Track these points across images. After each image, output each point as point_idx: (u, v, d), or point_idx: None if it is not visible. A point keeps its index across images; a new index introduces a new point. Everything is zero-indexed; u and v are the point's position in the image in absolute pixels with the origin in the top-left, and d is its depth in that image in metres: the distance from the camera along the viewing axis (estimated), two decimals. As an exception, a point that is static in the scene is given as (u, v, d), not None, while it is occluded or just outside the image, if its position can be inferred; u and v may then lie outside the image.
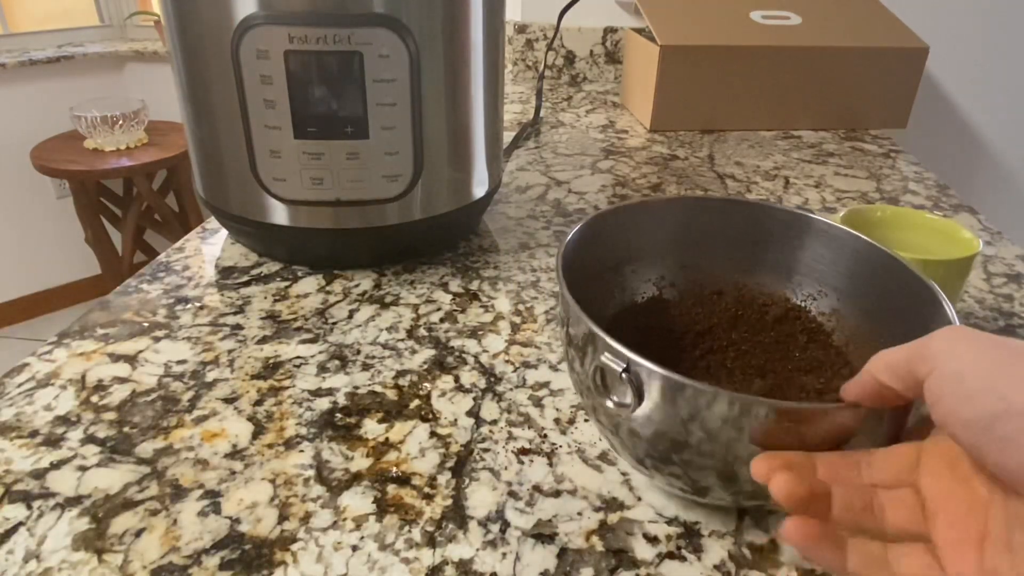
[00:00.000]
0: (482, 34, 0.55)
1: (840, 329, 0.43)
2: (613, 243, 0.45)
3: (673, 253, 0.47)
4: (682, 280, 0.47)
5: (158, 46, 2.36)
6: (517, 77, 1.29)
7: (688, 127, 1.03)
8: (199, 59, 0.52)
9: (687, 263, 0.47)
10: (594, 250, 0.43)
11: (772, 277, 0.46)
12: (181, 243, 0.64)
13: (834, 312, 0.44)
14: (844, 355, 0.42)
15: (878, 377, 0.28)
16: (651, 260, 0.47)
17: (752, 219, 0.46)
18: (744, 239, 0.46)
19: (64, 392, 0.44)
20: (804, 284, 0.45)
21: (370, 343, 0.50)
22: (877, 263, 0.41)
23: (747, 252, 0.46)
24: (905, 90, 1.05)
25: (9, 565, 0.33)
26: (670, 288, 0.47)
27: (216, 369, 0.47)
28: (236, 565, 0.33)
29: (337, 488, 0.38)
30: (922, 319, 0.37)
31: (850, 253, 0.42)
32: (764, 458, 0.29)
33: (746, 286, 0.46)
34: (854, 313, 0.43)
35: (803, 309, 0.45)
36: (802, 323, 0.44)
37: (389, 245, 0.59)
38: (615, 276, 0.46)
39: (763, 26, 1.02)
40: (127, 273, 2.26)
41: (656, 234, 0.46)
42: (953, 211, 0.77)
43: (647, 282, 0.47)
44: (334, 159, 0.53)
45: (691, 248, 0.47)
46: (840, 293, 0.43)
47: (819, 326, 0.44)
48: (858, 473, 0.29)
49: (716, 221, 0.46)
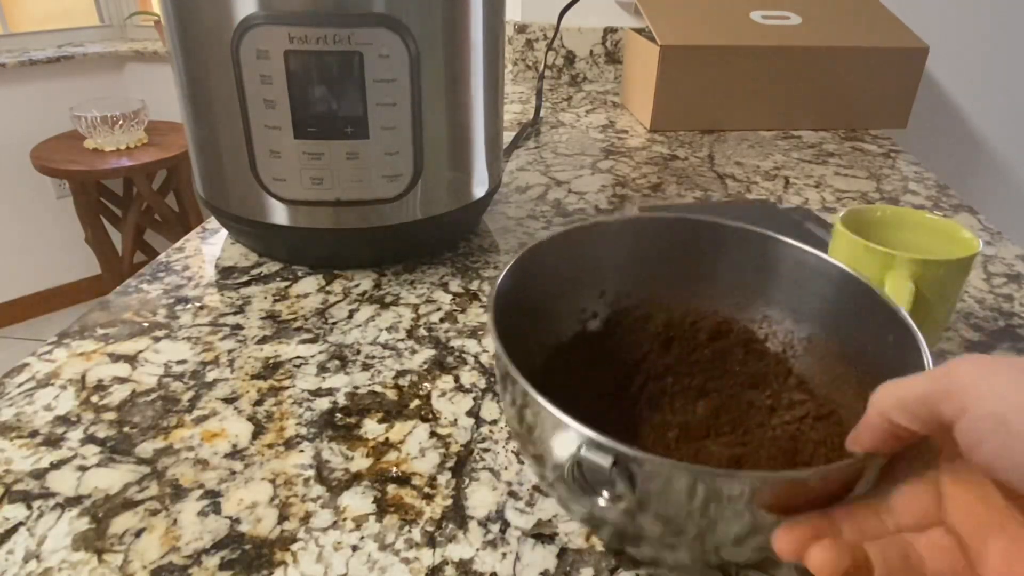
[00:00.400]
0: (482, 34, 0.55)
1: (773, 334, 0.42)
2: (541, 280, 0.41)
3: (594, 283, 0.43)
4: (606, 310, 0.44)
5: (158, 46, 2.36)
6: (517, 77, 1.29)
7: (688, 127, 1.03)
8: (199, 59, 0.52)
9: (608, 290, 0.44)
10: (522, 295, 0.38)
11: (699, 292, 0.44)
12: (181, 243, 0.64)
13: (765, 318, 0.42)
14: (784, 362, 0.41)
15: (891, 418, 0.25)
16: (574, 294, 0.43)
17: (674, 235, 0.43)
18: (663, 256, 0.43)
19: (64, 392, 0.44)
20: (729, 294, 0.43)
21: (370, 343, 0.50)
22: (803, 264, 0.40)
23: (668, 269, 0.44)
24: (905, 90, 1.05)
25: (9, 565, 0.33)
26: (594, 320, 0.44)
27: (216, 369, 0.47)
28: (236, 565, 0.33)
29: (337, 488, 0.38)
30: (870, 322, 0.36)
31: (772, 257, 0.41)
32: (788, 531, 0.26)
33: (672, 306, 0.44)
34: (785, 315, 0.42)
35: (734, 320, 0.43)
36: (736, 335, 0.42)
37: (389, 245, 0.59)
38: (542, 317, 0.41)
39: (763, 26, 1.02)
40: (127, 273, 2.26)
41: (577, 266, 0.42)
42: (953, 211, 0.77)
43: (572, 319, 0.43)
44: (334, 159, 0.53)
45: (612, 274, 0.44)
46: (767, 298, 0.42)
47: (752, 335, 0.42)
48: (882, 522, 0.26)
49: (634, 243, 0.43)
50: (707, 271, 0.43)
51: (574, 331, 0.43)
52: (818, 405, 0.38)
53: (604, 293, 0.44)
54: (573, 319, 0.43)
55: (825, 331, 0.40)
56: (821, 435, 0.37)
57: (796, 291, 0.41)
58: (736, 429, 0.39)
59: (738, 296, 0.43)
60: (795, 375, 0.40)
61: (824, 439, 0.36)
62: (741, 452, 0.37)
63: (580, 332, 0.43)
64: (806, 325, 0.41)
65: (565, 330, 0.43)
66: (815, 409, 0.38)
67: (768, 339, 0.42)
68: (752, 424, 0.39)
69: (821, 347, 0.40)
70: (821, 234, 0.63)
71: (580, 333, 0.43)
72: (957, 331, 0.54)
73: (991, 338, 0.53)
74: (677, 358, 0.42)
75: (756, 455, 0.37)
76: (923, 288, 0.43)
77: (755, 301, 0.42)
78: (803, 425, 0.38)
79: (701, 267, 0.43)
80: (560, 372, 0.40)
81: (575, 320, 0.43)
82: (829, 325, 0.39)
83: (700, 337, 0.43)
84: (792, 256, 0.40)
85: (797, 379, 0.40)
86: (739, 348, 0.42)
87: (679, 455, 0.37)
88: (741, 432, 0.39)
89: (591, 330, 0.43)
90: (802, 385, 0.40)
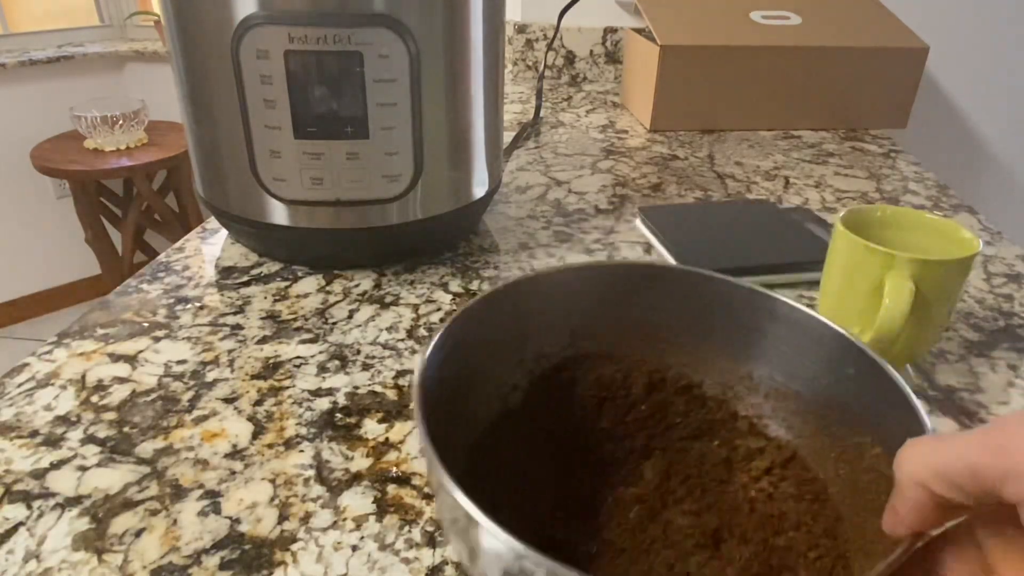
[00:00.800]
0: (482, 34, 0.55)
1: (709, 374, 0.38)
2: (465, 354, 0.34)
3: (513, 350, 0.37)
4: (525, 380, 0.38)
5: (158, 46, 2.36)
6: (517, 77, 1.29)
7: (688, 127, 1.03)
8: (199, 59, 0.52)
9: (527, 356, 0.38)
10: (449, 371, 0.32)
11: (625, 341, 0.39)
12: (181, 243, 0.64)
13: (698, 360, 0.38)
14: (726, 404, 0.37)
15: (932, 488, 0.21)
16: (493, 367, 0.37)
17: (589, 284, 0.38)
18: (584, 308, 0.38)
19: (64, 392, 0.44)
20: (655, 339, 0.38)
21: (370, 343, 0.50)
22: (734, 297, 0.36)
23: (588, 322, 0.38)
24: (905, 90, 1.05)
25: (9, 565, 0.33)
26: (515, 392, 0.37)
27: (216, 369, 0.47)
28: (236, 565, 0.33)
29: (337, 488, 0.38)
30: (819, 354, 0.34)
31: (700, 294, 0.37)
32: None
33: (598, 363, 0.39)
34: (719, 354, 0.38)
35: (666, 368, 0.38)
36: (670, 383, 0.38)
37: (389, 245, 0.59)
38: (468, 397, 0.35)
39: (763, 26, 1.02)
40: (127, 273, 2.26)
41: (498, 333, 0.36)
42: (953, 211, 0.77)
43: (493, 396, 0.37)
44: (334, 159, 0.53)
45: (534, 336, 0.38)
46: (698, 338, 0.38)
47: (688, 380, 0.38)
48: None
49: (552, 298, 0.38)
50: (631, 316, 0.38)
51: (497, 410, 0.36)
52: (777, 449, 0.35)
53: (523, 361, 0.38)
54: (494, 397, 0.36)
55: (769, 366, 0.36)
56: (793, 487, 0.34)
57: (731, 327, 0.37)
58: (693, 490, 0.35)
59: (666, 340, 0.38)
60: (742, 418, 0.37)
61: (799, 493, 0.33)
62: (715, 523, 0.34)
63: (503, 411, 0.37)
64: (746, 362, 0.37)
65: (489, 410, 0.36)
66: (777, 455, 0.35)
67: (704, 383, 0.38)
68: (710, 482, 0.36)
69: (765, 384, 0.37)
70: (821, 234, 0.63)
71: (503, 412, 0.37)
72: (957, 331, 0.54)
73: (991, 338, 0.53)
74: (612, 420, 0.38)
75: (732, 524, 0.34)
76: (923, 288, 0.43)
77: (685, 343, 0.38)
78: (772, 477, 0.35)
79: (624, 313, 0.38)
80: (490, 458, 0.34)
81: (495, 398, 0.37)
82: (773, 360, 0.36)
83: (634, 392, 0.38)
84: (720, 291, 0.37)
85: (746, 422, 0.37)
86: (677, 397, 0.38)
87: (647, 539, 0.33)
88: (699, 493, 0.35)
89: (513, 407, 0.37)
90: (753, 428, 0.37)
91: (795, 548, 0.31)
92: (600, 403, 0.38)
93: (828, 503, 0.32)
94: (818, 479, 0.33)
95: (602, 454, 0.37)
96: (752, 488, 0.35)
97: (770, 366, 0.36)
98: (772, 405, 0.37)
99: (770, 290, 0.35)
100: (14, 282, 2.40)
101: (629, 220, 0.71)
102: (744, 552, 0.32)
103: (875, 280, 0.44)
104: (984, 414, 0.45)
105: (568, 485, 0.36)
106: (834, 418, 0.34)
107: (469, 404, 0.35)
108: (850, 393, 0.32)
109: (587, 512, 0.35)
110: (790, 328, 0.35)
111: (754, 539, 0.32)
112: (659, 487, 0.36)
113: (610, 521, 0.34)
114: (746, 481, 0.35)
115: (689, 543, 0.33)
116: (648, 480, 0.36)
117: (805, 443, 0.35)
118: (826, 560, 0.30)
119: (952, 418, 0.44)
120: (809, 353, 0.34)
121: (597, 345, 0.39)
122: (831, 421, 0.34)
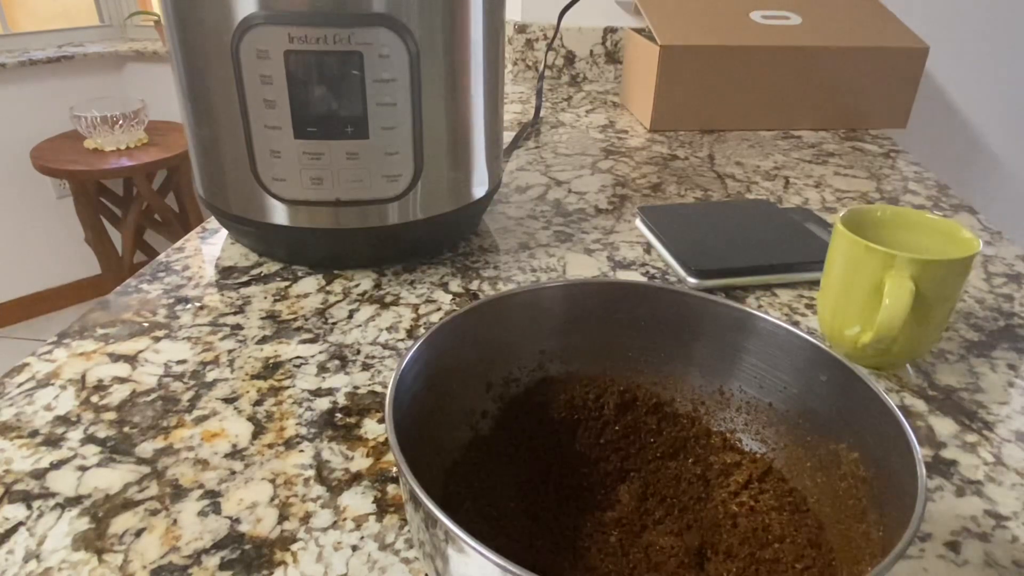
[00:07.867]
0: (482, 34, 0.55)
1: (680, 391, 0.38)
2: (437, 377, 0.34)
3: (481, 375, 0.37)
4: (495, 407, 0.37)
5: (158, 46, 2.36)
6: (517, 77, 1.29)
7: (688, 127, 1.03)
8: (199, 59, 0.52)
9: (494, 381, 0.37)
10: (422, 393, 0.32)
11: (595, 361, 0.38)
12: (181, 243, 0.64)
13: (668, 376, 0.38)
14: (698, 420, 0.37)
15: None
16: (462, 394, 0.36)
17: (556, 304, 0.38)
18: (552, 329, 0.38)
19: (64, 392, 0.44)
20: (625, 358, 0.38)
21: (370, 343, 0.50)
22: (703, 312, 0.36)
23: (557, 343, 0.38)
24: (905, 90, 1.05)
25: (9, 565, 0.33)
26: (484, 420, 0.37)
27: (216, 369, 0.47)
28: (236, 565, 0.33)
29: (337, 488, 0.38)
30: (789, 363, 0.34)
31: (665, 309, 0.37)
32: None
33: (568, 384, 0.38)
34: (689, 369, 0.38)
35: (637, 387, 0.38)
36: (642, 402, 0.38)
37: (389, 245, 0.59)
38: (440, 423, 0.35)
39: (763, 26, 1.02)
40: (127, 273, 2.26)
41: (467, 358, 0.36)
42: (953, 211, 0.77)
43: (462, 423, 0.36)
44: (334, 159, 0.53)
45: (500, 362, 0.37)
46: (667, 354, 0.38)
47: (658, 398, 0.38)
48: None
49: (508, 320, 0.37)
50: (599, 335, 0.38)
51: (467, 439, 0.36)
52: (752, 463, 0.35)
53: (491, 385, 0.37)
54: (463, 425, 0.36)
55: (739, 379, 0.36)
56: (774, 500, 0.34)
57: (700, 342, 0.37)
58: (672, 510, 0.35)
59: (635, 358, 0.38)
60: (715, 433, 0.37)
61: (779, 504, 0.33)
62: (698, 541, 0.33)
63: (473, 439, 0.36)
64: (716, 377, 0.37)
65: (459, 439, 0.36)
66: (753, 469, 0.35)
67: (675, 400, 0.38)
68: (688, 500, 0.36)
69: (737, 397, 0.37)
70: (821, 234, 0.63)
71: (474, 440, 0.36)
72: (957, 331, 0.54)
73: (991, 338, 0.53)
74: (586, 443, 0.38)
75: (716, 541, 0.33)
76: (923, 288, 0.43)
77: (654, 360, 0.38)
78: (751, 491, 0.35)
79: (591, 332, 0.38)
80: (463, 488, 0.34)
81: (466, 426, 0.36)
82: (743, 373, 0.36)
83: (606, 413, 0.38)
84: (688, 305, 0.36)
85: (720, 437, 0.37)
86: (649, 416, 0.38)
87: (629, 563, 0.33)
88: (678, 512, 0.35)
89: (483, 434, 0.37)
90: (727, 443, 0.37)
91: (783, 559, 0.31)
92: (573, 426, 0.38)
93: (808, 513, 0.32)
94: (796, 490, 0.33)
95: (578, 479, 0.37)
96: (732, 503, 0.35)
97: (740, 379, 0.36)
98: (745, 419, 0.37)
99: (740, 302, 0.36)
100: (14, 282, 2.40)
101: (629, 220, 0.71)
102: (731, 568, 0.32)
103: (875, 280, 0.44)
104: (984, 414, 0.45)
105: (546, 512, 0.35)
106: (808, 427, 0.34)
107: (439, 433, 0.34)
108: (823, 400, 0.32)
109: (567, 539, 0.34)
110: (759, 340, 0.35)
111: (740, 554, 0.32)
112: (637, 509, 0.35)
113: (591, 547, 0.34)
114: (724, 497, 0.35)
115: (673, 563, 0.32)
116: (625, 503, 0.36)
117: (780, 455, 0.35)
118: (813, 571, 0.30)
119: (952, 418, 0.44)
120: (779, 363, 0.34)
121: (566, 367, 0.38)
122: (805, 431, 0.34)
